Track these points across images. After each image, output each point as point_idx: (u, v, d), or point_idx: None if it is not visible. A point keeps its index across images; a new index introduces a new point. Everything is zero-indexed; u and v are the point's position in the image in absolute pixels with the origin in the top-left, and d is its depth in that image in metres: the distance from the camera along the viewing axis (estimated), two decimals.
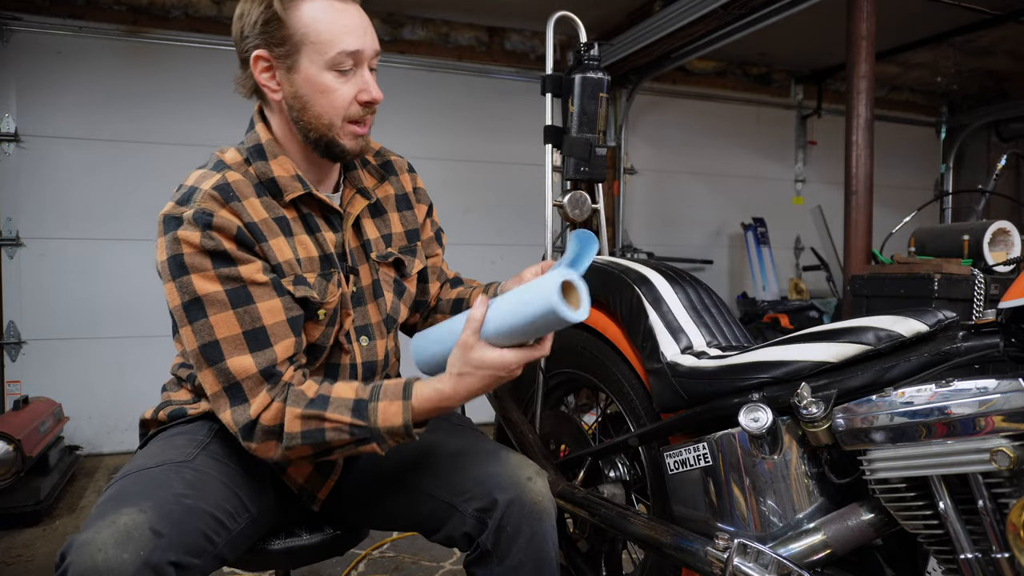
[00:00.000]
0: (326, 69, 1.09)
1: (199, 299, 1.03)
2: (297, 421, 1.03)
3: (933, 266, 2.37)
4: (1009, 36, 4.36)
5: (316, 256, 1.17)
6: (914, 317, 1.16)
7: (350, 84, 1.11)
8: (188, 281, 1.03)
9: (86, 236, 3.67)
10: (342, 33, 1.08)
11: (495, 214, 4.46)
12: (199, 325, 1.03)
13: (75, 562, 0.85)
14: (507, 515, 1.10)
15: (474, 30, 4.43)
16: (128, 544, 0.86)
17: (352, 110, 1.12)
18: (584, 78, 1.81)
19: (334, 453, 1.08)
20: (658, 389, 1.37)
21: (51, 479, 2.93)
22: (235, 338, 1.03)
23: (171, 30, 3.79)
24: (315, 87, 1.10)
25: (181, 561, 0.90)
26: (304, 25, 1.07)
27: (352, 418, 1.04)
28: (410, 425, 1.04)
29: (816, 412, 1.08)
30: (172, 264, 1.04)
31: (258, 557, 1.22)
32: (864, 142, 2.75)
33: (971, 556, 0.95)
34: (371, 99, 1.13)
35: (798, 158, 5.42)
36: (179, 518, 0.94)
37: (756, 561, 1.09)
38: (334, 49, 1.08)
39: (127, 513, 0.90)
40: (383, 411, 1.04)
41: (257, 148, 1.16)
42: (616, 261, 1.62)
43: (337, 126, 1.12)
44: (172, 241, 1.04)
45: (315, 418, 1.04)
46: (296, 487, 1.20)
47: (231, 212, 1.06)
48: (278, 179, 1.13)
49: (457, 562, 2.34)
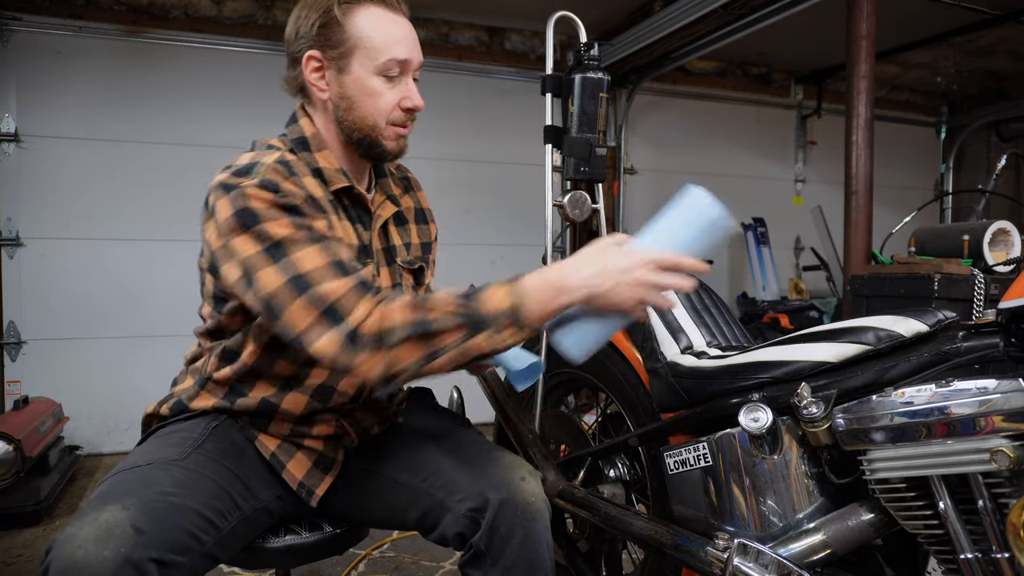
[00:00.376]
0: (375, 74, 1.15)
1: (279, 242, 1.02)
2: (402, 311, 0.99)
3: (933, 266, 2.37)
4: (1009, 36, 4.35)
5: (356, 245, 1.21)
6: (914, 317, 1.16)
7: (395, 90, 1.18)
8: (263, 229, 1.02)
9: (86, 236, 3.67)
10: (393, 42, 1.15)
11: (495, 214, 4.46)
12: (282, 264, 1.01)
13: (56, 558, 0.85)
14: (500, 515, 1.11)
15: (474, 30, 4.43)
16: (109, 541, 0.86)
17: (395, 115, 1.18)
18: (584, 78, 1.81)
19: (442, 354, 0.99)
20: (658, 389, 1.37)
21: (51, 479, 2.93)
22: (323, 267, 1.02)
23: (171, 30, 3.79)
24: (363, 89, 1.16)
25: (163, 558, 0.90)
26: (360, 31, 1.14)
27: (458, 303, 1.00)
28: (519, 309, 0.99)
29: (816, 412, 1.08)
30: (243, 216, 1.03)
31: (257, 555, 1.22)
32: (864, 142, 2.75)
33: (971, 556, 0.95)
34: (413, 106, 1.19)
35: (798, 158, 5.42)
36: (162, 516, 0.94)
37: (756, 561, 1.09)
38: (385, 55, 1.15)
39: (110, 510, 0.90)
40: (490, 295, 1.01)
41: (302, 140, 1.20)
42: None
43: (380, 127, 1.18)
44: (239, 197, 1.04)
45: (420, 307, 0.99)
46: (295, 483, 1.20)
47: (295, 185, 1.09)
48: (323, 170, 1.19)
49: (457, 562, 2.33)
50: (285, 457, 1.20)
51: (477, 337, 1.00)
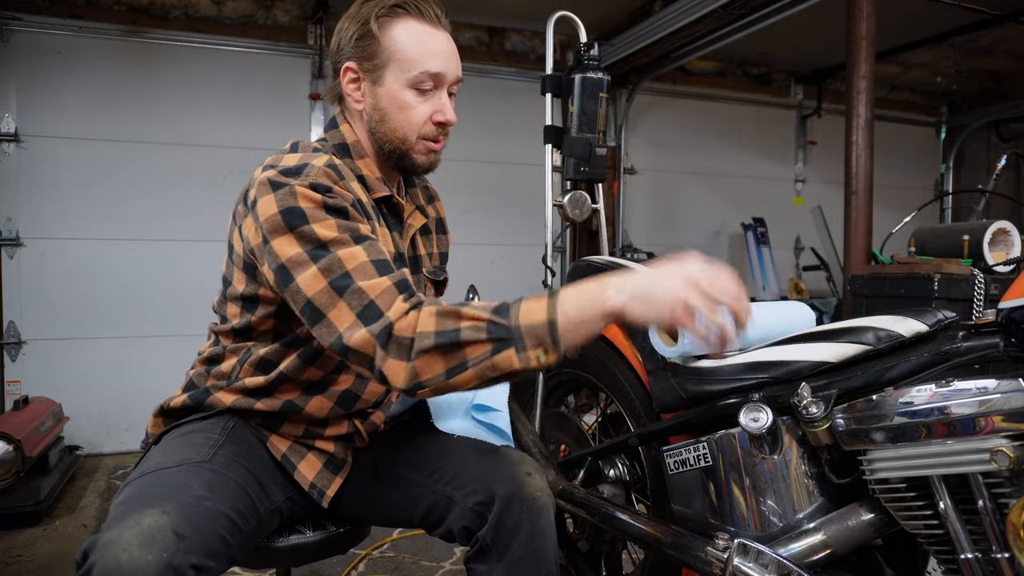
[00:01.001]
0: (407, 87, 1.16)
1: (323, 243, 1.02)
2: (432, 319, 0.96)
3: (933, 266, 2.37)
4: (1009, 36, 4.35)
5: (393, 252, 1.23)
6: (914, 317, 1.16)
7: (428, 104, 1.18)
8: (310, 230, 1.02)
9: (86, 236, 3.67)
10: (427, 55, 1.16)
11: (495, 214, 4.46)
12: (326, 263, 1.00)
13: (99, 561, 0.85)
14: (506, 510, 1.11)
15: (474, 30, 4.43)
16: (152, 546, 0.87)
17: (426, 128, 1.19)
18: (584, 78, 1.81)
19: (468, 368, 0.96)
20: (658, 389, 1.37)
21: (51, 479, 2.93)
22: (364, 265, 1.01)
23: (171, 30, 3.79)
24: (395, 102, 1.17)
25: (200, 564, 0.91)
26: (394, 43, 1.15)
27: (491, 315, 0.96)
28: (555, 323, 0.94)
29: (816, 412, 1.08)
30: (290, 215, 1.02)
31: (262, 555, 1.22)
32: (864, 142, 2.75)
33: (971, 556, 0.95)
34: (445, 120, 1.20)
35: (798, 158, 5.42)
36: (199, 521, 0.94)
37: (756, 561, 1.09)
38: (417, 69, 1.15)
39: (150, 515, 0.91)
40: (525, 308, 0.96)
41: (343, 147, 1.22)
42: (616, 261, 1.62)
43: (411, 141, 1.19)
44: (287, 195, 1.03)
45: (452, 315, 0.96)
46: (307, 484, 1.21)
47: (343, 188, 1.11)
48: (366, 177, 1.21)
49: (457, 562, 2.34)
50: (296, 458, 1.21)
51: (504, 352, 0.95)
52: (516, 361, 0.95)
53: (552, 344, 0.95)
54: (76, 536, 2.58)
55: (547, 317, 0.94)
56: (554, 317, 0.94)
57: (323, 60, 4.05)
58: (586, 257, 1.73)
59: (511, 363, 0.95)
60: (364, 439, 1.28)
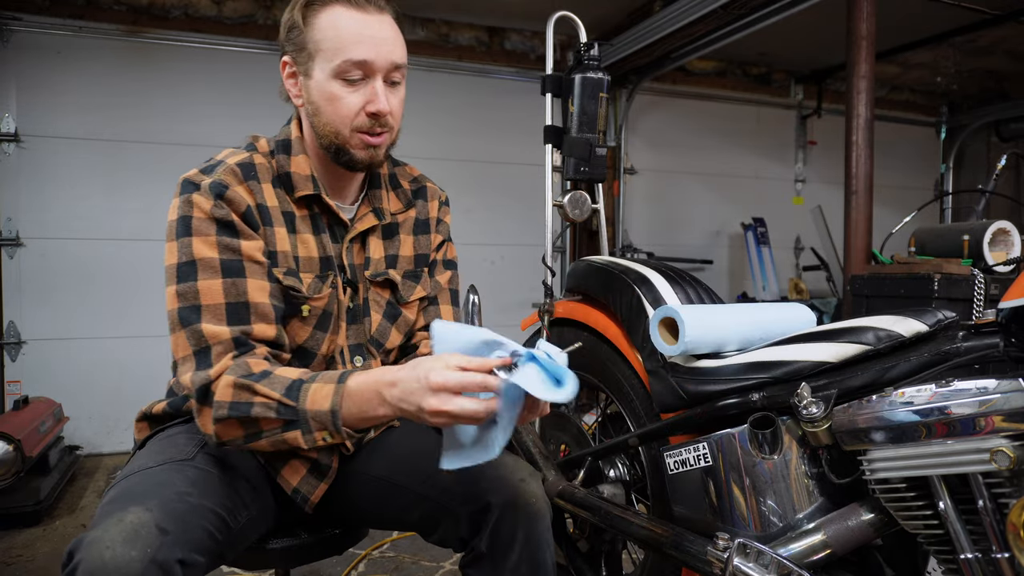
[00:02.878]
0: (333, 77, 1.10)
1: (194, 262, 1.05)
2: (229, 389, 0.99)
3: (933, 266, 2.37)
4: (1009, 36, 4.36)
5: (316, 257, 1.18)
6: (914, 317, 1.16)
7: (358, 94, 1.11)
8: (189, 243, 1.05)
9: (86, 236, 3.67)
10: (351, 42, 1.09)
11: (495, 214, 4.46)
12: (185, 287, 1.04)
13: (84, 559, 0.85)
14: (501, 518, 1.10)
15: (474, 30, 4.43)
16: (136, 542, 0.86)
17: (359, 121, 1.12)
18: (584, 78, 1.81)
19: (262, 438, 1.00)
20: (658, 389, 1.37)
21: (51, 479, 2.93)
22: (217, 307, 1.04)
23: (171, 30, 3.79)
24: (323, 94, 1.11)
25: (186, 559, 0.90)
26: (319, 32, 1.10)
27: (282, 395, 0.98)
28: (338, 412, 0.97)
29: (816, 412, 1.08)
30: (179, 224, 1.07)
31: (258, 556, 1.22)
32: (864, 142, 2.75)
33: (971, 556, 0.95)
34: (377, 111, 1.11)
35: (798, 158, 5.42)
36: (183, 516, 0.94)
37: (756, 561, 1.09)
38: (340, 57, 1.09)
39: (133, 512, 0.90)
40: (314, 392, 0.98)
41: (284, 143, 1.19)
42: (616, 261, 1.62)
43: (344, 135, 1.13)
44: (185, 203, 1.07)
45: (247, 389, 0.99)
46: (289, 489, 1.19)
47: (246, 190, 1.10)
48: (293, 175, 1.17)
49: (457, 561, 2.33)
50: (279, 463, 1.19)
51: (292, 432, 0.99)
52: (303, 442, 0.99)
53: (335, 431, 0.98)
54: (76, 536, 2.58)
55: (330, 407, 0.97)
56: (336, 408, 0.97)
57: None
58: (586, 257, 1.73)
59: (299, 443, 0.99)
60: (349, 448, 1.25)
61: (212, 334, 1.02)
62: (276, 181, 1.16)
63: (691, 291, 1.51)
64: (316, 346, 1.19)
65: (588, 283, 1.65)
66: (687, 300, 1.49)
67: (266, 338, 1.08)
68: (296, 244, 1.16)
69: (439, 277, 1.36)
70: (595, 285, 1.62)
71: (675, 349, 1.29)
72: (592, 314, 1.63)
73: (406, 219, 1.33)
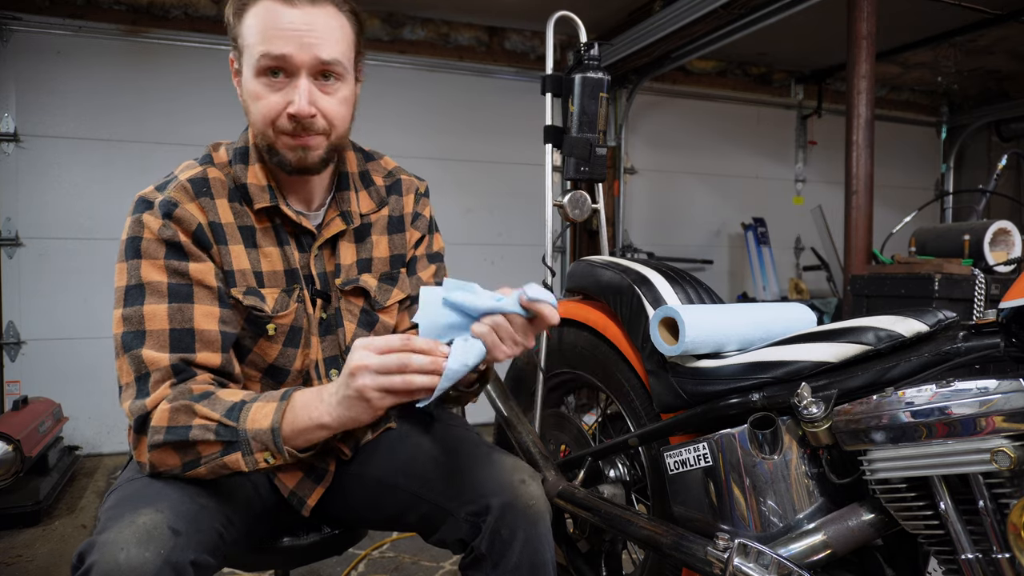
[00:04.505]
0: (255, 75, 1.04)
1: (141, 285, 1.02)
2: (166, 414, 0.96)
3: (934, 266, 2.37)
4: (1009, 36, 4.35)
5: (281, 270, 1.14)
6: (914, 317, 1.16)
7: (281, 94, 1.03)
8: (137, 265, 1.03)
9: (86, 236, 3.67)
10: (270, 37, 1.01)
11: (495, 214, 4.46)
12: (131, 311, 1.02)
13: (98, 561, 0.84)
14: (501, 519, 1.09)
15: (474, 30, 4.43)
16: (150, 543, 0.86)
17: (280, 122, 1.05)
18: (584, 78, 1.81)
19: (201, 465, 0.97)
20: (658, 389, 1.37)
21: (51, 479, 2.93)
22: (160, 332, 1.01)
23: (171, 30, 3.79)
24: (249, 93, 1.06)
25: (199, 560, 0.90)
26: (245, 27, 1.04)
27: (222, 415, 0.95)
28: (278, 430, 0.94)
29: (816, 412, 1.08)
30: (128, 245, 1.05)
31: (257, 557, 1.22)
32: (864, 142, 2.75)
33: (972, 556, 0.95)
34: (293, 112, 1.03)
35: (798, 158, 5.42)
36: (195, 517, 0.94)
37: (756, 561, 1.09)
38: (257, 52, 1.02)
39: (145, 513, 0.90)
40: (256, 411, 0.96)
41: (242, 151, 1.14)
42: (616, 261, 1.62)
43: (270, 135, 1.06)
44: (135, 223, 1.05)
45: (186, 411, 0.96)
46: (286, 492, 1.18)
47: (198, 208, 1.07)
48: (249, 186, 1.12)
49: (457, 562, 2.33)
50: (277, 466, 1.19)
51: (233, 455, 0.96)
52: (243, 464, 0.96)
53: (276, 450, 0.95)
54: (76, 536, 2.58)
55: (270, 425, 0.95)
56: (277, 425, 0.95)
57: None
58: (586, 257, 1.73)
59: (239, 465, 0.96)
60: (347, 454, 1.24)
61: (151, 360, 1.00)
62: (233, 194, 1.11)
63: (691, 291, 1.51)
64: (288, 363, 1.15)
65: (588, 283, 1.65)
66: (687, 300, 1.48)
67: (210, 366, 1.04)
68: (258, 259, 1.12)
69: (422, 273, 1.30)
70: (595, 285, 1.61)
71: (675, 349, 1.29)
72: (592, 314, 1.63)
73: (379, 218, 1.25)
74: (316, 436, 0.97)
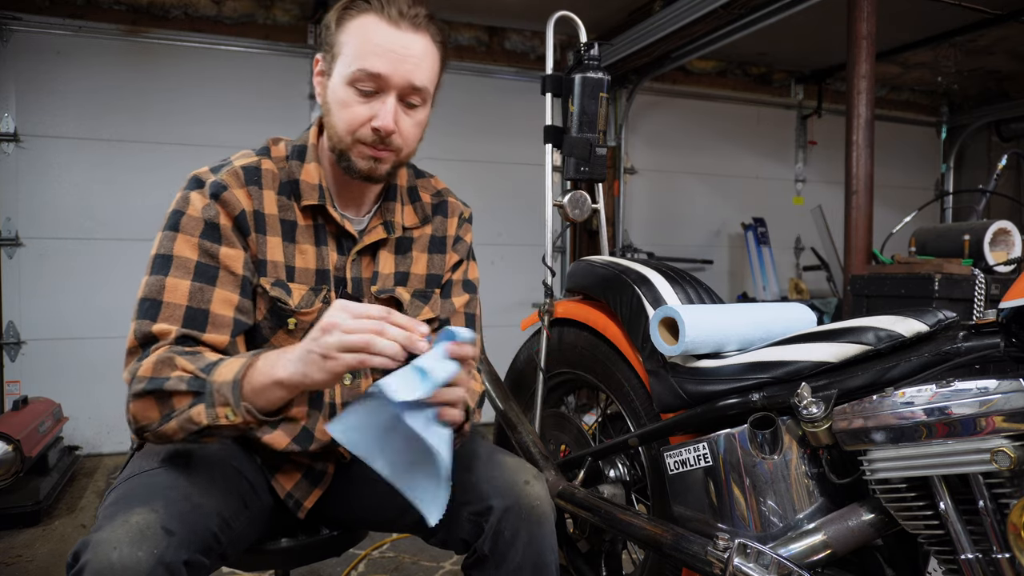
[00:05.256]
0: (346, 83, 1.08)
1: (171, 257, 1.06)
2: (151, 365, 0.98)
3: (934, 266, 2.37)
4: (1009, 36, 4.36)
5: (313, 269, 1.16)
6: (914, 317, 1.16)
7: (368, 107, 1.09)
8: (172, 237, 1.07)
9: (86, 236, 3.67)
10: (370, 52, 1.06)
11: (495, 214, 4.46)
12: (155, 280, 1.05)
13: (91, 560, 0.85)
14: (504, 520, 1.09)
15: (474, 30, 4.43)
16: (143, 543, 0.86)
17: (362, 132, 1.10)
18: (584, 78, 1.81)
19: (172, 419, 0.97)
20: (658, 389, 1.37)
21: (51, 479, 2.93)
22: (177, 307, 1.04)
23: (171, 30, 3.79)
24: (336, 97, 1.11)
25: (192, 560, 0.90)
26: (346, 35, 1.09)
27: (198, 368, 0.96)
28: (238, 383, 0.93)
29: (816, 412, 1.08)
30: (171, 218, 1.09)
31: (256, 557, 1.22)
32: (864, 142, 2.75)
33: (972, 556, 0.95)
34: (379, 126, 1.08)
35: (798, 158, 5.42)
36: (189, 517, 0.94)
37: (756, 561, 1.09)
38: (356, 65, 1.07)
39: (139, 512, 0.90)
40: (226, 365, 0.96)
41: (301, 149, 1.19)
42: (616, 261, 1.62)
43: (347, 141, 1.11)
44: (182, 199, 1.10)
45: (168, 363, 0.98)
46: (283, 493, 1.18)
47: (246, 195, 1.11)
48: (301, 182, 1.16)
49: (458, 562, 2.33)
50: (274, 468, 1.18)
51: (198, 407, 0.95)
52: (204, 416, 0.95)
53: (236, 406, 0.94)
54: (75, 536, 2.58)
55: (232, 377, 0.94)
56: (239, 378, 0.94)
57: None
58: (586, 257, 1.73)
59: (201, 418, 0.95)
60: (347, 456, 1.23)
61: (160, 332, 1.03)
62: (283, 188, 1.15)
63: (691, 291, 1.51)
64: None
65: (588, 283, 1.65)
66: (687, 300, 1.49)
67: (216, 346, 1.06)
68: (293, 254, 1.14)
69: (455, 299, 1.30)
70: (595, 285, 1.62)
71: (675, 349, 1.29)
72: (592, 314, 1.63)
73: (421, 235, 1.28)
74: (274, 395, 0.94)
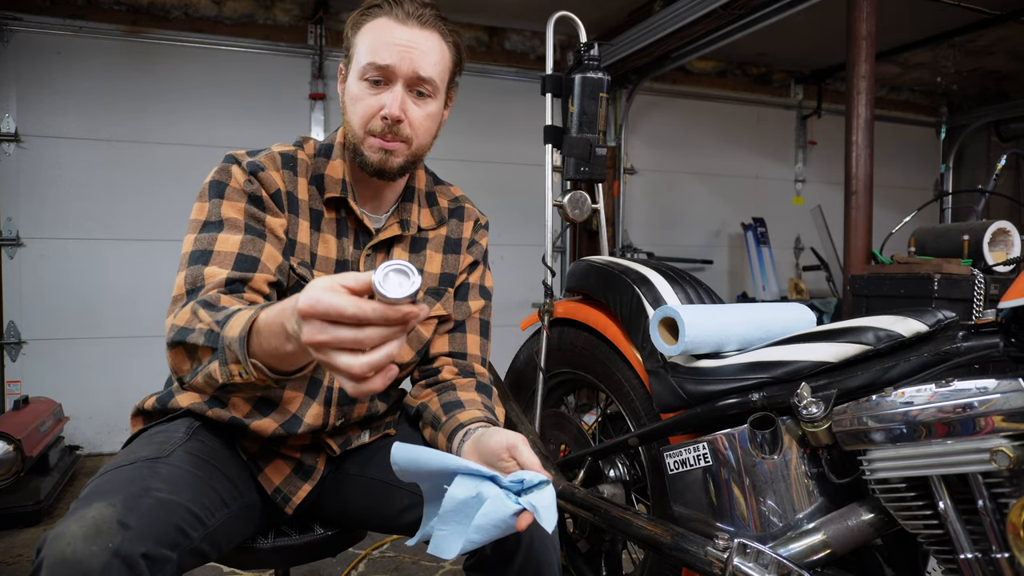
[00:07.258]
0: (359, 78, 1.15)
1: (220, 221, 1.09)
2: (186, 315, 0.96)
3: (933, 266, 2.37)
4: (1009, 36, 4.36)
5: (333, 259, 1.20)
6: (914, 317, 1.16)
7: (378, 98, 1.14)
8: (219, 204, 1.10)
9: (86, 236, 3.67)
10: (379, 47, 1.13)
11: (495, 214, 4.42)
12: (205, 236, 1.07)
13: (48, 555, 0.85)
14: None
15: (474, 30, 4.43)
16: (96, 537, 0.86)
17: (373, 123, 1.15)
18: (584, 78, 1.81)
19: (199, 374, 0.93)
20: (658, 389, 1.37)
21: (51, 479, 2.92)
22: (228, 255, 1.06)
23: (171, 30, 3.79)
24: (350, 94, 1.17)
25: (151, 553, 0.89)
26: (359, 38, 1.16)
27: (213, 320, 0.91)
28: (244, 339, 0.84)
29: (816, 412, 1.08)
30: (212, 187, 1.12)
31: (247, 555, 1.20)
32: (864, 142, 2.75)
33: (971, 556, 0.95)
34: (386, 114, 1.13)
35: (798, 158, 5.42)
36: (148, 511, 0.93)
37: (756, 561, 1.09)
38: (365, 60, 1.13)
39: (96, 507, 0.90)
40: (237, 318, 0.88)
41: (327, 147, 1.23)
42: (616, 261, 1.62)
43: (360, 135, 1.16)
44: (222, 170, 1.13)
45: (195, 314, 0.95)
46: (271, 488, 1.18)
47: (281, 177, 1.16)
48: (326, 176, 1.21)
49: (458, 562, 2.33)
50: (263, 462, 1.19)
51: (213, 364, 0.89)
52: (220, 375, 0.88)
53: (244, 362, 0.85)
54: None
55: (239, 333, 0.85)
56: (244, 334, 0.85)
57: (323, 60, 4.05)
58: (586, 257, 1.73)
59: (217, 376, 0.89)
60: (335, 450, 1.24)
61: (210, 275, 1.03)
62: (313, 179, 1.21)
63: (691, 291, 1.51)
64: None
65: (588, 283, 1.65)
66: (687, 300, 1.49)
67: (261, 291, 1.07)
68: (317, 241, 1.19)
69: (472, 303, 1.33)
70: (595, 285, 1.62)
71: (675, 349, 1.29)
72: (592, 314, 1.63)
73: (436, 236, 1.31)
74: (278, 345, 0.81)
